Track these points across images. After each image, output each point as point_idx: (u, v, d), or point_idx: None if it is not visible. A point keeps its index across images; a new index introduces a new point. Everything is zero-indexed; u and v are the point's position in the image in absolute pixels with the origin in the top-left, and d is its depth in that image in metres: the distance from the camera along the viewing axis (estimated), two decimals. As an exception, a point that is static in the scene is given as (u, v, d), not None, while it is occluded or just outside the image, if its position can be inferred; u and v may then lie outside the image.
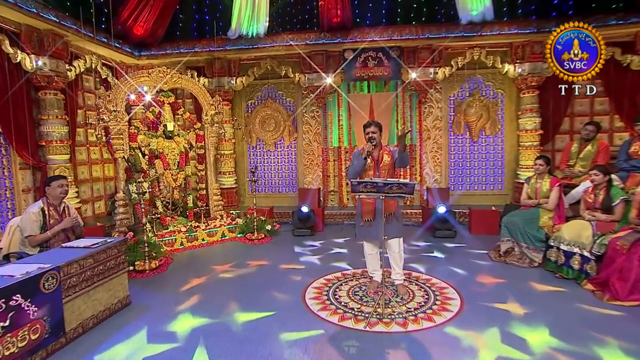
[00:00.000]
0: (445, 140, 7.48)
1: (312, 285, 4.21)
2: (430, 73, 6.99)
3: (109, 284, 3.58)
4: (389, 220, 3.75)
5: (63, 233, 3.82)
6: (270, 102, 7.78)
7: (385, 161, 3.82)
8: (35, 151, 5.55)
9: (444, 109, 7.42)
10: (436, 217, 6.13)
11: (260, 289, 4.15)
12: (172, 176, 6.22)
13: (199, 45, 7.08)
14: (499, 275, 4.37)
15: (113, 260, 3.62)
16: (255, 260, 5.17)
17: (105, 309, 3.51)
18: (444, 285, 4.13)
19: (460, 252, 5.34)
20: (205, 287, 4.26)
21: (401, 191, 3.36)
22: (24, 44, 5.24)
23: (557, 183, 4.82)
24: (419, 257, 5.15)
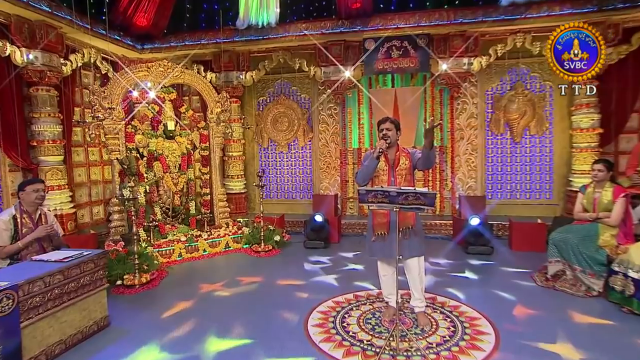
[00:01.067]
0: (481, 141, 6.92)
1: (317, 309, 3.84)
2: (463, 64, 6.48)
3: (83, 304, 3.33)
4: (405, 235, 3.37)
5: (37, 243, 3.62)
6: (283, 99, 7.48)
7: (403, 165, 3.42)
8: (25, 152, 5.48)
9: (480, 105, 6.87)
10: (468, 230, 5.62)
11: (256, 312, 3.83)
12: (173, 180, 6.01)
13: (206, 37, 6.89)
14: (546, 305, 3.82)
15: (88, 276, 3.38)
16: (257, 275, 4.87)
17: (78, 332, 3.27)
18: (475, 315, 3.64)
19: (498, 273, 4.82)
20: (195, 308, 3.97)
21: (419, 202, 2.94)
22: (13, 36, 5.18)
23: (623, 193, 4.20)
24: (446, 277, 4.68)
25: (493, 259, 5.35)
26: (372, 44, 6.58)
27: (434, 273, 4.82)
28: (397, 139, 3.49)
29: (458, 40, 6.40)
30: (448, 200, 7.09)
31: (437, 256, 5.49)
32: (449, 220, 6.60)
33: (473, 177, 6.97)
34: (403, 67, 6.65)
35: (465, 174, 6.99)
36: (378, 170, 3.44)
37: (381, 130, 3.42)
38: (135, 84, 5.67)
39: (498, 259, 5.32)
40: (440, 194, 7.10)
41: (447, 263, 5.24)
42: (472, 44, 6.41)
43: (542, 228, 5.58)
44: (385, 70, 6.75)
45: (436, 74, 6.62)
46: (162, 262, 5.33)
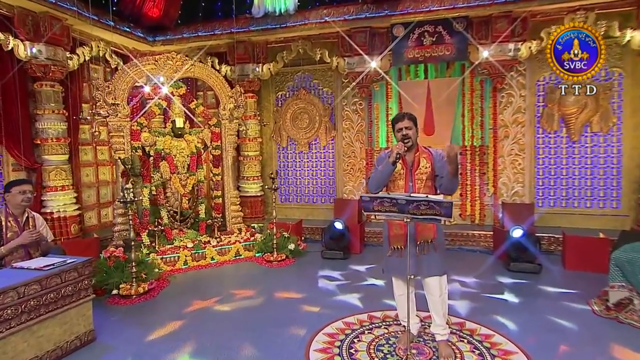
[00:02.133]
0: (530, 140, 6.40)
1: (324, 331, 3.60)
2: (509, 50, 6.02)
3: (64, 317, 3.27)
4: (424, 249, 3.10)
5: (23, 249, 3.61)
6: (304, 94, 7.29)
7: (423, 168, 3.13)
8: (29, 150, 5.59)
9: (530, 97, 6.35)
10: (510, 244, 5.18)
11: (255, 330, 3.66)
12: (181, 181, 5.96)
13: (220, 27, 6.82)
14: (605, 341, 3.36)
15: (71, 286, 3.32)
16: (264, 288, 4.73)
17: (57, 347, 3.21)
18: (511, 349, 3.27)
19: (545, 296, 4.37)
20: (190, 324, 3.85)
21: (433, 212, 2.66)
22: (17, 29, 5.29)
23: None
24: (480, 299, 4.30)
25: (540, 278, 4.89)
26: (401, 31, 6.26)
27: (465, 294, 4.48)
28: (416, 139, 3.19)
29: (502, 23, 5.95)
30: (489, 207, 6.62)
31: (471, 273, 5.10)
32: (490, 232, 6.14)
33: (520, 182, 6.46)
34: (437, 55, 6.27)
35: (510, 177, 6.49)
36: (394, 173, 3.17)
37: (399, 130, 3.12)
38: (141, 78, 5.67)
39: (546, 279, 4.85)
40: (480, 200, 6.64)
41: (483, 282, 4.84)
42: (519, 26, 5.95)
43: (605, 244, 5.01)
44: (417, 60, 6.40)
45: (476, 62, 6.19)
46: (166, 270, 5.28)
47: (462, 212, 6.77)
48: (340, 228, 5.77)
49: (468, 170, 6.67)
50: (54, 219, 5.63)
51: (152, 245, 5.51)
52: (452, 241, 6.31)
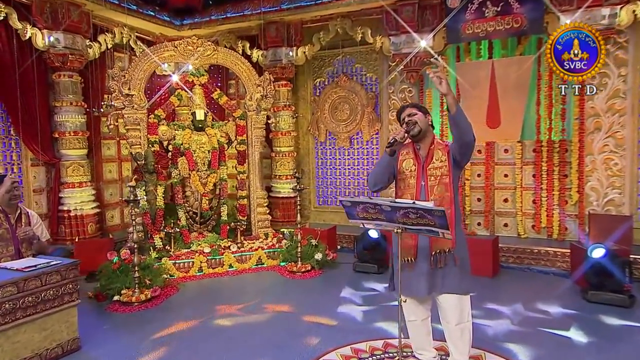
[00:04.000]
0: (632, 133, 5.69)
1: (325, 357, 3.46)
2: (602, 17, 5.41)
3: (44, 322, 3.46)
4: (439, 262, 2.88)
5: (14, 247, 3.88)
6: (344, 80, 7.17)
7: (437, 162, 2.94)
8: (48, 144, 6.05)
9: (633, 77, 5.65)
10: (590, 266, 4.64)
11: (246, 353, 3.62)
12: (201, 179, 6.12)
13: (250, 7, 6.90)
14: None
15: (52, 290, 3.50)
16: (277, 303, 4.73)
17: (35, 355, 3.40)
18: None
19: (632, 339, 3.82)
20: (183, 339, 3.92)
21: (425, 222, 2.44)
22: (35, 18, 5.75)
23: None
24: (534, 333, 3.89)
25: (630, 314, 4.30)
26: (456, 1, 5.90)
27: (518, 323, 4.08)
28: (430, 125, 2.98)
29: (593, -19, 5.39)
30: (574, 219, 6.01)
31: (535, 299, 4.65)
32: (567, 250, 5.56)
33: (617, 187, 5.77)
34: (503, 29, 5.83)
35: (602, 181, 5.83)
36: (404, 170, 2.99)
37: (403, 120, 2.96)
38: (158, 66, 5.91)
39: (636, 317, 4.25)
40: (560, 209, 6.05)
41: (545, 311, 4.38)
42: (617, -18, 5.36)
43: None
44: (477, 36, 6.00)
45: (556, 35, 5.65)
46: (178, 276, 5.43)
47: (536, 224, 6.22)
48: (376, 237, 5.59)
49: (544, 171, 6.11)
50: (70, 217, 6.06)
51: (165, 248, 5.70)
52: (518, 259, 5.84)
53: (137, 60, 5.88)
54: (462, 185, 6.57)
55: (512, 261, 5.86)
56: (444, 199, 2.86)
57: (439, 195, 2.87)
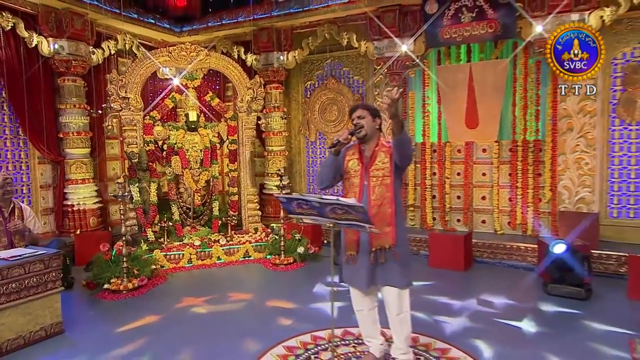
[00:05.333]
0: (602, 134, 5.62)
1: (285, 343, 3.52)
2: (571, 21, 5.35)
3: (27, 307, 3.60)
4: (379, 258, 2.91)
5: (7, 238, 4.05)
6: (333, 83, 7.20)
7: (380, 164, 2.96)
8: (54, 144, 6.24)
9: (603, 80, 5.57)
10: (551, 261, 4.62)
11: (217, 336, 3.75)
12: (193, 177, 6.24)
13: (243, 14, 6.99)
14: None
15: (35, 278, 3.64)
16: (256, 292, 4.84)
17: (19, 337, 3.55)
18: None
19: (577, 331, 3.80)
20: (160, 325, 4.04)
21: (352, 217, 2.48)
22: (41, 27, 5.93)
23: None
24: (487, 324, 3.91)
25: (585, 307, 4.26)
26: (434, 7, 5.88)
27: (476, 315, 4.09)
28: (377, 129, 3.00)
29: (560, -11, 5.32)
30: (547, 215, 5.95)
31: (498, 292, 4.65)
32: (534, 245, 5.51)
33: (587, 186, 5.68)
34: (478, 34, 5.79)
35: (574, 180, 5.74)
36: (350, 170, 3.04)
37: (352, 120, 2.99)
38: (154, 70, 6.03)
39: (593, 309, 4.21)
40: (534, 207, 6.00)
41: (505, 304, 4.38)
42: (584, -9, 5.28)
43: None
44: (454, 41, 5.97)
45: (526, 40, 5.60)
46: (168, 267, 5.56)
47: (512, 221, 6.19)
48: (353, 232, 5.60)
49: (519, 170, 6.07)
50: (74, 212, 6.24)
51: (159, 241, 5.84)
52: (492, 254, 5.81)
53: (133, 65, 6.02)
54: (418, 184, 6.59)
55: (486, 256, 5.83)
56: (385, 198, 2.89)
57: (380, 195, 2.89)
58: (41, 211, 6.28)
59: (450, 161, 6.54)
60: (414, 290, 4.88)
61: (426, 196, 6.65)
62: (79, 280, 5.05)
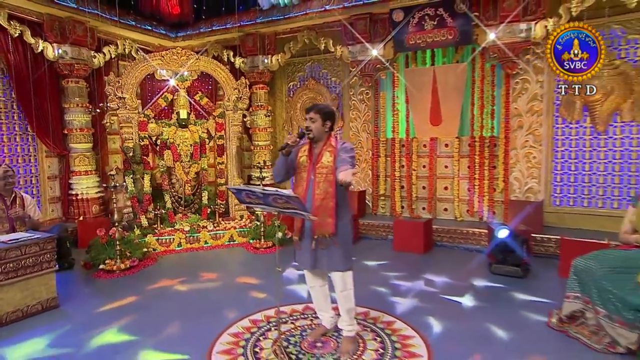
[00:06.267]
0: (547, 131, 5.74)
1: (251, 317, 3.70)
2: (520, 31, 5.45)
3: (25, 284, 3.79)
4: (321, 244, 3.05)
5: (9, 224, 4.24)
6: (313, 84, 7.31)
7: (325, 162, 3.06)
8: (59, 139, 6.41)
9: (549, 83, 5.68)
10: (495, 245, 4.78)
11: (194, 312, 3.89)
12: (184, 169, 6.41)
13: (231, 21, 7.09)
14: (539, 358, 3.04)
15: (32, 259, 3.83)
16: (233, 272, 5.00)
17: (17, 310, 3.74)
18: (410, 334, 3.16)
19: (508, 304, 3.99)
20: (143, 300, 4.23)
21: (291, 206, 2.62)
22: (46, 33, 6.06)
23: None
24: (432, 300, 4.08)
25: (520, 284, 4.44)
26: (400, 16, 5.96)
27: (423, 293, 4.26)
28: (326, 131, 3.11)
29: (511, 0, 5.38)
30: (500, 204, 6.09)
31: (449, 272, 4.81)
32: (485, 230, 5.66)
33: (534, 177, 5.85)
34: (439, 40, 5.88)
35: (523, 172, 5.90)
36: (301, 165, 3.17)
37: (305, 120, 3.13)
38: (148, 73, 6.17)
39: (525, 285, 4.40)
40: (489, 196, 6.14)
41: (452, 282, 4.54)
42: (532, 3, 5.34)
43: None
44: (418, 46, 6.07)
45: (481, 46, 5.70)
46: (160, 250, 5.75)
47: (470, 208, 6.33)
48: (325, 219, 5.76)
49: (477, 163, 6.19)
50: (78, 200, 6.42)
51: (152, 227, 6.02)
52: (450, 238, 5.96)
53: (128, 68, 6.16)
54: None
55: (445, 240, 5.99)
56: (328, 193, 3.00)
57: (324, 190, 3.00)
58: (49, 200, 6.48)
59: (416, 155, 6.66)
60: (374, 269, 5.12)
61: (395, 186, 6.79)
62: (79, 261, 5.26)
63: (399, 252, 5.68)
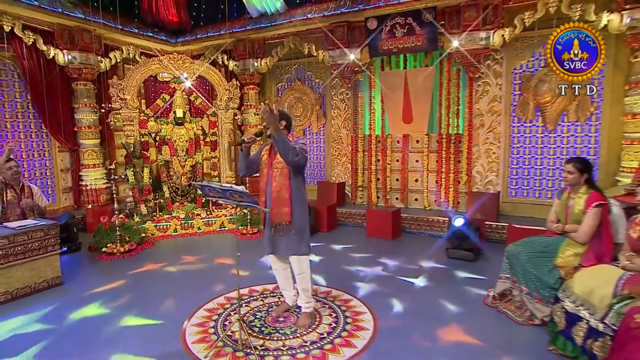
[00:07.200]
0: (505, 129, 5.88)
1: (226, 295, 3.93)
2: (480, 39, 5.56)
3: (32, 265, 4.06)
4: (280, 231, 3.24)
5: (20, 210, 4.50)
6: (299, 85, 7.45)
7: (279, 158, 3.22)
8: (70, 136, 6.65)
9: (506, 86, 5.81)
10: (452, 232, 4.97)
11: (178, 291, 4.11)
12: (180, 163, 6.63)
13: (224, 28, 7.23)
14: (468, 330, 3.24)
15: (38, 242, 4.09)
16: (218, 256, 5.17)
17: (26, 286, 4.01)
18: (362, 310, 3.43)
19: (455, 283, 4.21)
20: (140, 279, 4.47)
21: (245, 200, 2.82)
22: (57, 41, 6.26)
23: (596, 201, 3.25)
24: (387, 282, 4.27)
25: (473, 267, 4.63)
26: (374, 24, 6.07)
27: (379, 277, 4.43)
28: (281, 129, 3.27)
29: (471, 12, 5.49)
30: (464, 195, 6.25)
31: (411, 255, 5.03)
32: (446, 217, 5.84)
33: (494, 171, 6.00)
34: (409, 46, 6.00)
35: (484, 166, 6.06)
36: (262, 162, 3.35)
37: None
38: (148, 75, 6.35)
39: (474, 267, 4.62)
40: (454, 188, 6.30)
41: (407, 265, 4.74)
42: (490, 14, 5.44)
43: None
44: (391, 51, 6.18)
45: (446, 52, 5.81)
46: (157, 235, 6.00)
47: (437, 199, 6.49)
48: (304, 208, 5.96)
49: (444, 158, 6.35)
50: (87, 190, 6.68)
51: (152, 214, 6.27)
52: (418, 225, 6.14)
53: (130, 72, 6.35)
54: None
55: (413, 227, 6.17)
56: (283, 186, 3.17)
57: (280, 183, 3.17)
58: (62, 190, 6.75)
59: (391, 150, 6.82)
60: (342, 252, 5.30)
61: (372, 179, 6.96)
62: (86, 244, 5.52)
63: (370, 238, 5.88)
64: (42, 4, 5.80)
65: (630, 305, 2.51)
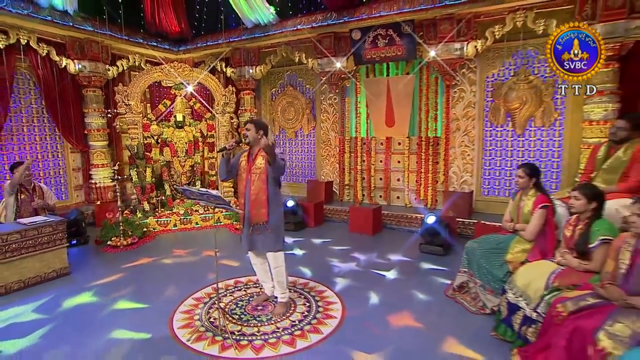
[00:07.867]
0: (479, 133, 6.03)
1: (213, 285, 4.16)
2: (455, 49, 5.69)
3: (42, 256, 4.31)
4: (257, 230, 3.42)
5: (31, 206, 4.77)
6: (291, 90, 7.64)
7: (258, 164, 3.40)
8: (81, 138, 6.92)
9: (480, 93, 5.95)
10: (425, 229, 5.15)
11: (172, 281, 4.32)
12: (180, 163, 6.87)
13: (222, 37, 7.43)
14: (425, 318, 3.44)
15: (47, 237, 4.34)
16: (211, 249, 5.34)
17: (37, 276, 4.27)
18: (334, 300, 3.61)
19: (422, 275, 4.39)
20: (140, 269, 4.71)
21: (220, 203, 3.03)
22: (68, 52, 6.51)
23: (541, 203, 3.44)
24: (360, 276, 4.44)
25: (441, 261, 4.81)
26: (358, 35, 6.23)
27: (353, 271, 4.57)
28: (259, 138, 3.45)
29: (446, 25, 5.63)
30: (441, 194, 6.42)
31: (387, 250, 5.21)
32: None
33: (469, 172, 6.17)
34: (390, 55, 6.15)
35: (460, 167, 6.22)
36: (241, 167, 3.52)
37: (243, 131, 3.50)
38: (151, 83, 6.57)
39: (441, 260, 4.81)
40: (432, 187, 6.47)
41: (380, 259, 4.93)
42: (464, 27, 5.58)
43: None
44: (374, 60, 6.34)
45: (424, 61, 5.96)
46: (158, 229, 6.25)
47: (417, 197, 6.67)
48: (292, 205, 6.18)
49: (423, 159, 6.52)
50: (96, 188, 6.96)
51: (154, 210, 6.53)
52: (398, 222, 6.33)
53: (134, 79, 6.58)
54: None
55: (394, 223, 6.35)
56: (261, 189, 3.33)
57: (258, 187, 3.33)
58: (74, 187, 7.02)
59: (375, 151, 7.00)
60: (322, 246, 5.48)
61: (357, 178, 7.15)
62: (94, 238, 5.79)
63: (352, 233, 6.07)
64: (54, 19, 6.06)
65: (556, 296, 2.70)
